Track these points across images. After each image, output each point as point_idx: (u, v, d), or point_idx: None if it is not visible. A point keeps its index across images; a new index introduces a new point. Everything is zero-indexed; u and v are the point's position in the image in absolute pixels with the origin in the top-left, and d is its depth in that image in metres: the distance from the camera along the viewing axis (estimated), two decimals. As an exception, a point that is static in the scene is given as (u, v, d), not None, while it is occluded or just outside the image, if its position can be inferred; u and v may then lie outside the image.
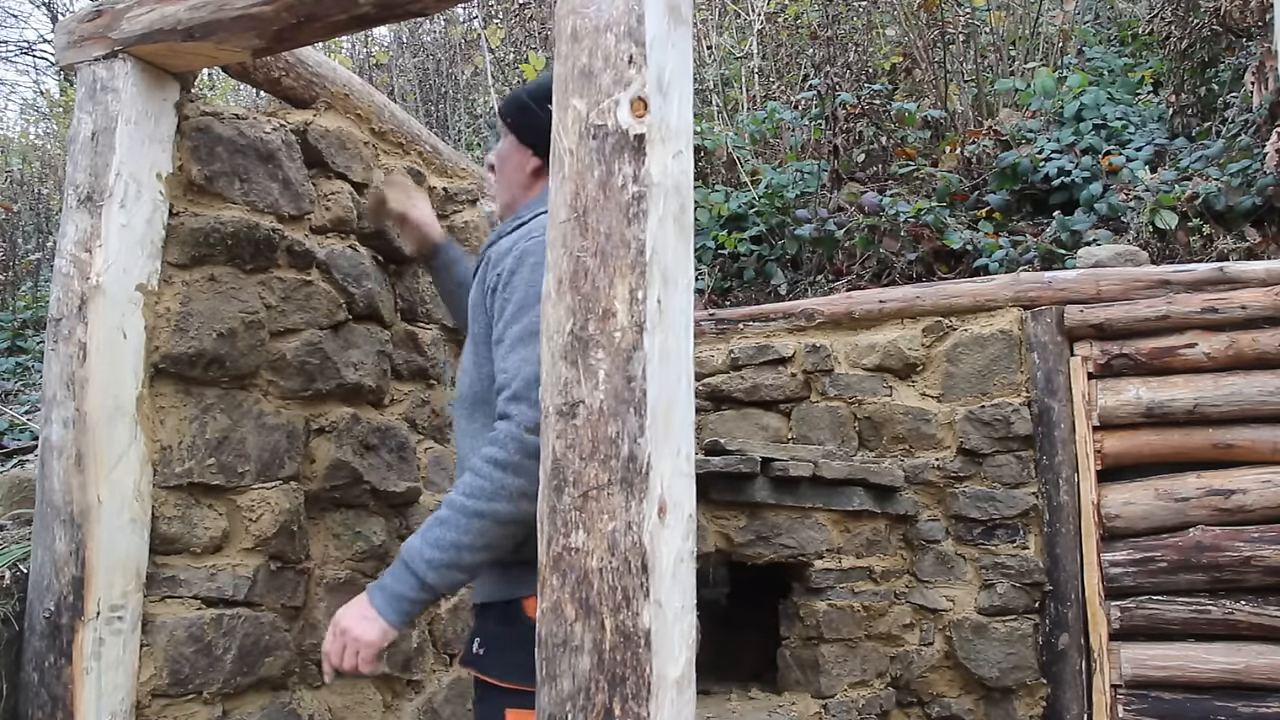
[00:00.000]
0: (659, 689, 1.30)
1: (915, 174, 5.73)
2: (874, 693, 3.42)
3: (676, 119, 1.44)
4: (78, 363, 1.89)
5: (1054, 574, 3.51)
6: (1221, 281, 3.49)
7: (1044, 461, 3.58)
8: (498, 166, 2.01)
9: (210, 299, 2.07)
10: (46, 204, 7.42)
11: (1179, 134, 5.44)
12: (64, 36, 2.06)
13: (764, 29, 7.23)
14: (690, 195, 1.46)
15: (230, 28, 1.91)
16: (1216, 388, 3.41)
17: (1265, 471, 3.35)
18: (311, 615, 2.26)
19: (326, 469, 2.30)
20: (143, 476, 1.95)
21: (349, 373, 2.35)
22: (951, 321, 3.79)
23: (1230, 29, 5.39)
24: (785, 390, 3.89)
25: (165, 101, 2.06)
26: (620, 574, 1.30)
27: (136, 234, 1.97)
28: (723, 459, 3.06)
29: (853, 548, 3.46)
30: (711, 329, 4.08)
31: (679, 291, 1.42)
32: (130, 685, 1.90)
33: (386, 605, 1.64)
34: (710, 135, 6.16)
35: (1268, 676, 3.24)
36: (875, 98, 6.09)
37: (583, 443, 1.34)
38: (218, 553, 2.08)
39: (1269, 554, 3.26)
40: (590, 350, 1.36)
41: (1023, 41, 6.85)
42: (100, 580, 1.85)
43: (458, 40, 8.62)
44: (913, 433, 3.75)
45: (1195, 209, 4.59)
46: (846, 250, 5.23)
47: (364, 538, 2.40)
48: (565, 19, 1.45)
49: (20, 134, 10.43)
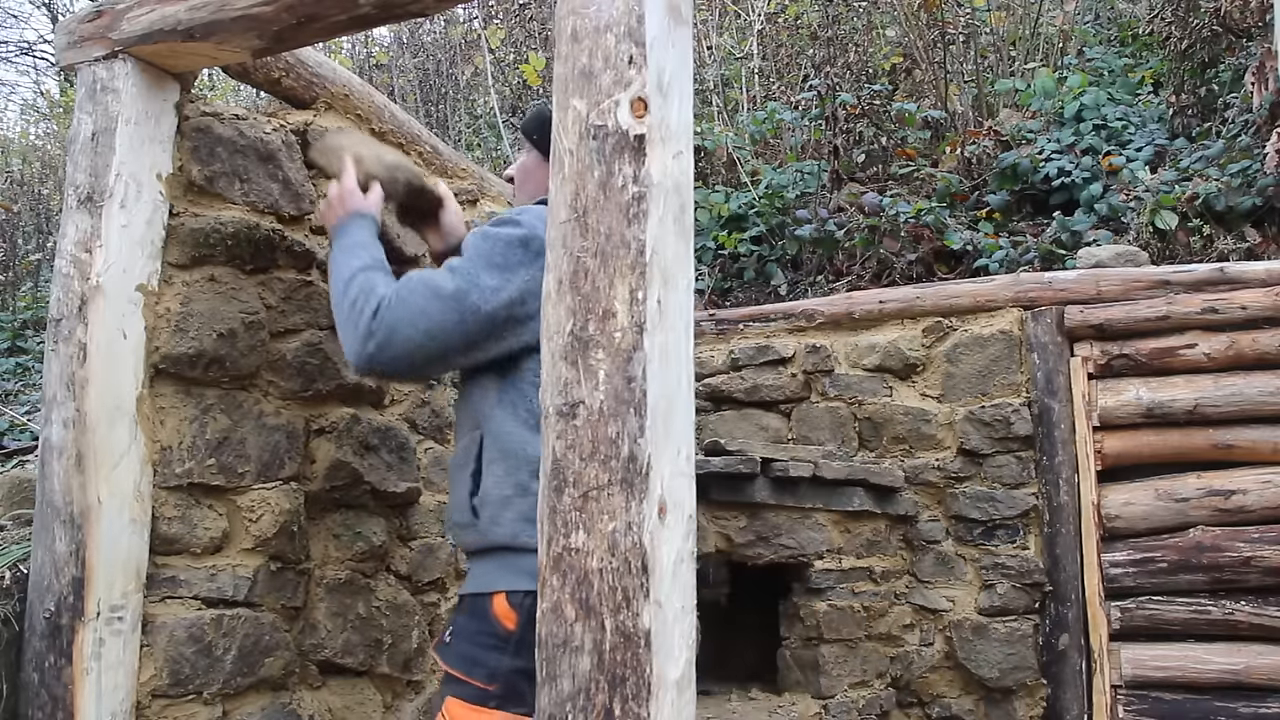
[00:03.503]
0: (659, 689, 1.30)
1: (915, 174, 5.74)
2: (874, 693, 3.42)
3: (676, 119, 1.44)
4: (78, 363, 1.89)
5: (1054, 574, 3.51)
6: (1221, 282, 3.49)
7: (1044, 462, 3.58)
8: (519, 180, 2.01)
9: (210, 299, 2.07)
10: (46, 204, 7.42)
11: (1179, 134, 5.44)
12: (64, 37, 2.06)
13: (764, 29, 7.23)
14: (690, 195, 1.46)
15: (230, 28, 1.91)
16: (1216, 388, 3.41)
17: (1265, 472, 3.35)
18: (311, 615, 2.26)
19: (326, 469, 2.30)
20: (143, 477, 1.95)
21: (349, 373, 2.35)
22: (951, 322, 3.79)
23: (1230, 29, 5.39)
24: (785, 390, 3.89)
25: (165, 102, 2.06)
26: (620, 574, 1.30)
27: (136, 234, 1.98)
28: (723, 459, 3.06)
29: (853, 548, 3.45)
30: (711, 329, 4.08)
31: (679, 292, 1.42)
32: (130, 685, 1.90)
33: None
34: (710, 135, 6.16)
35: (1268, 677, 3.24)
36: (875, 98, 6.09)
37: (583, 443, 1.34)
38: (218, 553, 2.08)
39: (1269, 554, 3.26)
40: (590, 350, 1.36)
41: (1023, 42, 6.85)
42: (100, 580, 1.85)
43: (458, 40, 8.62)
44: (913, 433, 3.75)
45: (1195, 209, 4.59)
46: (846, 251, 5.23)
47: (364, 538, 2.40)
48: (565, 19, 1.45)
49: (20, 134, 10.43)
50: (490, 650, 1.66)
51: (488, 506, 1.73)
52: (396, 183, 2.10)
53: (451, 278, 1.69)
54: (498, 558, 1.72)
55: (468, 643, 1.70)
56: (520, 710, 1.62)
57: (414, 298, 1.67)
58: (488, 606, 1.69)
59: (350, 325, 1.71)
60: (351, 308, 1.71)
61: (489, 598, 1.70)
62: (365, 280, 1.74)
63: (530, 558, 1.66)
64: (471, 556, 1.82)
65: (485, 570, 1.75)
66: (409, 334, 1.66)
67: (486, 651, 1.66)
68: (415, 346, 1.66)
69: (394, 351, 1.66)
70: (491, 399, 1.76)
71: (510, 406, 1.74)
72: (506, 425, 1.73)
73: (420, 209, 2.23)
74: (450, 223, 2.23)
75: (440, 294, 1.67)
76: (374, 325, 1.67)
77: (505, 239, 1.72)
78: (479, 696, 1.65)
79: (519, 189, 2.02)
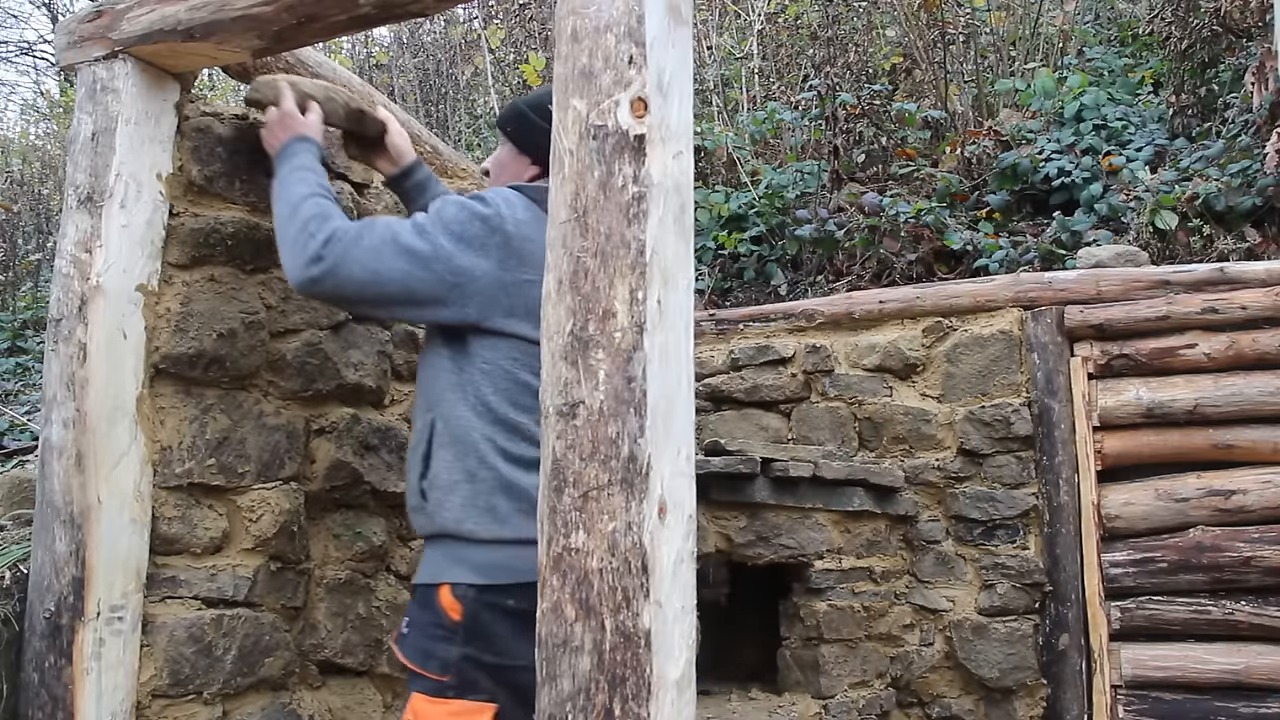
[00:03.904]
0: (659, 689, 1.30)
1: (915, 174, 5.73)
2: (874, 693, 3.42)
3: (676, 119, 1.44)
4: (78, 363, 1.89)
5: (1054, 574, 3.51)
6: (1221, 282, 3.49)
7: (1044, 462, 3.58)
8: (494, 173, 2.05)
9: (210, 299, 2.07)
10: (46, 204, 7.42)
11: (1179, 134, 5.44)
12: (64, 37, 2.06)
13: (764, 29, 7.23)
14: (690, 195, 1.46)
15: (230, 28, 1.91)
16: (1217, 388, 3.40)
17: (1265, 472, 3.35)
18: (311, 615, 2.26)
19: (326, 469, 2.31)
20: (143, 477, 1.95)
21: (349, 373, 2.35)
22: (951, 322, 3.79)
23: (1230, 29, 5.38)
24: (785, 390, 3.89)
25: (165, 102, 2.07)
26: (620, 574, 1.31)
27: (136, 234, 1.98)
28: (723, 459, 3.05)
29: (853, 548, 3.45)
30: (711, 329, 4.08)
31: (679, 292, 1.42)
32: (130, 686, 1.90)
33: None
34: (710, 135, 6.16)
35: (1268, 677, 3.24)
36: (875, 98, 6.08)
37: (583, 443, 1.35)
38: (218, 553, 2.08)
39: (1269, 554, 3.26)
40: (590, 350, 1.36)
41: (1023, 42, 6.85)
42: (100, 580, 1.85)
43: (458, 40, 8.62)
44: (913, 433, 3.75)
45: (1195, 209, 4.59)
46: (846, 250, 5.23)
47: (364, 538, 2.40)
48: (565, 19, 1.45)
49: (20, 134, 10.43)
50: (440, 641, 1.71)
51: (435, 490, 1.78)
52: (335, 103, 2.15)
53: (412, 229, 1.75)
54: (443, 546, 1.78)
55: (420, 634, 1.76)
56: (477, 697, 1.68)
57: (371, 237, 1.73)
58: (435, 597, 1.74)
59: (299, 245, 1.75)
60: (302, 229, 1.76)
61: (436, 589, 1.75)
62: (319, 206, 1.80)
63: (475, 548, 1.73)
64: (425, 542, 1.86)
65: (432, 559, 1.80)
66: (356, 270, 1.71)
67: (437, 643, 1.72)
68: (359, 283, 1.72)
69: (337, 280, 1.72)
70: (444, 382, 1.81)
71: (461, 391, 1.78)
72: (458, 410, 1.77)
73: (365, 136, 2.28)
74: (398, 145, 2.28)
75: (397, 240, 1.73)
76: (324, 251, 1.72)
77: (471, 211, 1.77)
78: (436, 689, 1.70)
79: (494, 181, 2.04)
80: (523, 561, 1.65)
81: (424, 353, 1.92)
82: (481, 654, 1.69)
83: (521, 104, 1.99)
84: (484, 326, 1.76)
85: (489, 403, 1.75)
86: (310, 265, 1.72)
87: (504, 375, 1.76)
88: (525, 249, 1.77)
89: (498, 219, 1.76)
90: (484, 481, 1.73)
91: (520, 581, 1.66)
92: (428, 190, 2.25)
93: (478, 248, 1.74)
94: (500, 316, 1.76)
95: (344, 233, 1.74)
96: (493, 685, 1.68)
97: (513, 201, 1.81)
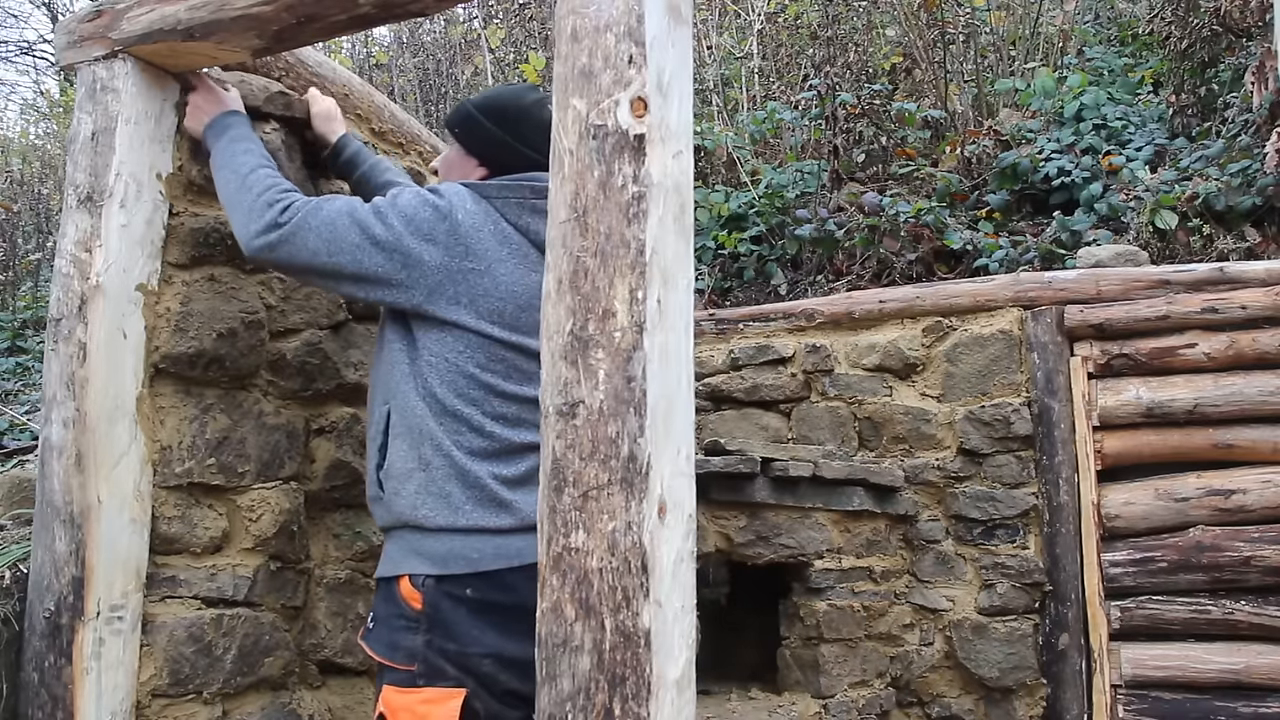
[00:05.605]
0: (659, 689, 1.30)
1: (915, 174, 5.73)
2: (874, 693, 3.42)
3: (676, 119, 1.44)
4: (78, 363, 1.89)
5: (1054, 574, 3.51)
6: (1221, 281, 3.49)
7: (1044, 461, 3.58)
8: (443, 172, 2.07)
9: (210, 299, 2.07)
10: (46, 204, 7.42)
11: (1179, 134, 5.44)
12: (64, 37, 2.06)
13: (764, 29, 7.23)
14: (690, 195, 1.46)
15: (230, 28, 1.91)
16: (1216, 388, 3.40)
17: (1265, 471, 3.35)
18: (311, 615, 2.26)
19: (326, 469, 2.31)
20: (143, 476, 1.95)
21: (349, 373, 2.35)
22: (951, 321, 3.79)
23: (1230, 29, 5.38)
24: (785, 390, 3.89)
25: (165, 101, 2.07)
26: (620, 574, 1.31)
27: (136, 234, 1.98)
28: (723, 459, 3.05)
29: (853, 548, 3.45)
30: (711, 329, 4.08)
31: (679, 291, 1.42)
32: (130, 685, 1.90)
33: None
34: (710, 135, 6.15)
35: (1268, 677, 3.24)
36: (875, 98, 6.08)
37: (583, 443, 1.35)
38: (218, 553, 2.08)
39: (1269, 554, 3.26)
40: (590, 350, 1.36)
41: (1023, 41, 6.85)
42: (100, 580, 1.85)
43: (458, 40, 8.61)
44: (913, 433, 3.75)
45: (1195, 209, 4.59)
46: (846, 250, 5.23)
47: (364, 538, 2.40)
48: (565, 19, 1.45)
49: (20, 134, 10.43)
50: (404, 632, 1.74)
51: (391, 479, 1.81)
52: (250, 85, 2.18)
53: (370, 210, 1.81)
54: (401, 538, 1.81)
55: (384, 627, 1.79)
56: (445, 684, 1.70)
57: (329, 210, 1.80)
58: (396, 589, 1.77)
59: (253, 213, 1.82)
60: (257, 199, 1.83)
61: (396, 581, 1.78)
62: (270, 178, 1.88)
63: (430, 538, 1.76)
64: (385, 535, 1.89)
65: (391, 552, 1.83)
66: (312, 239, 1.78)
67: (402, 634, 1.74)
68: (312, 251, 1.78)
69: (292, 247, 1.79)
70: (399, 372, 1.83)
71: (412, 382, 1.81)
72: (410, 400, 1.80)
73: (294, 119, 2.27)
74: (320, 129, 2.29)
75: (354, 216, 1.80)
76: (283, 218, 1.79)
77: (424, 199, 1.83)
78: (405, 679, 1.72)
79: (443, 179, 2.06)
80: (477, 551, 1.72)
81: (379, 344, 1.95)
82: (445, 642, 1.72)
83: (470, 105, 2.01)
84: (427, 312, 1.79)
85: (435, 394, 1.79)
86: (268, 231, 1.80)
87: (449, 367, 1.79)
88: (473, 239, 1.80)
89: (448, 208, 1.81)
90: (438, 469, 1.76)
91: (477, 571, 1.71)
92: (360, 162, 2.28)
93: (427, 234, 1.79)
94: (445, 304, 1.79)
95: (304, 203, 1.82)
96: (459, 672, 1.71)
97: (462, 194, 1.85)
